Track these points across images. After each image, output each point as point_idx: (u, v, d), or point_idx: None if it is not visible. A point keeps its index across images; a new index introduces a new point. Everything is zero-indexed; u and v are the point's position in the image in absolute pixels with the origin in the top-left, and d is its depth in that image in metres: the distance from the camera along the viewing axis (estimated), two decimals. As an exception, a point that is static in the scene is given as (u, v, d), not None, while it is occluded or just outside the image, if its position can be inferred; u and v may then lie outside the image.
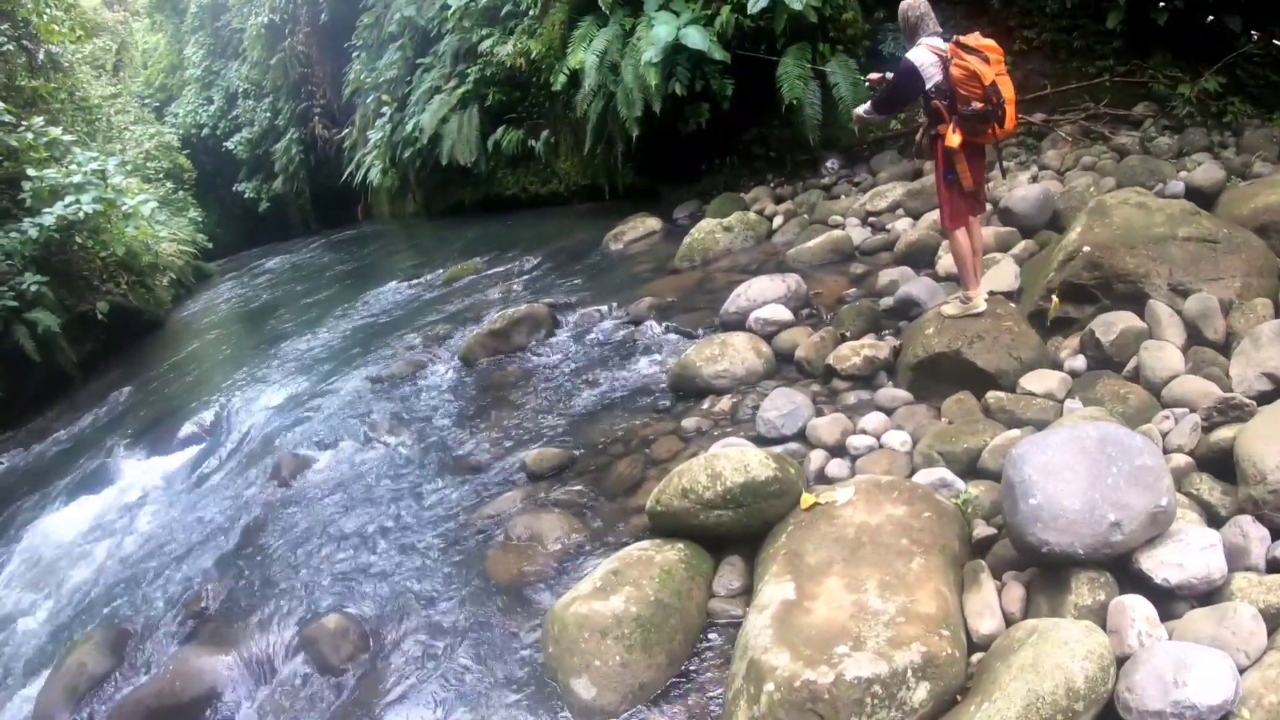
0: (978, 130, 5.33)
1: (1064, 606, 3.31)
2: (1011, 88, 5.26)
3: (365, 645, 4.79)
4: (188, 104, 33.27)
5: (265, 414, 8.82)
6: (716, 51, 10.17)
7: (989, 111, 5.22)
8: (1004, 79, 5.21)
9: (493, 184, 17.35)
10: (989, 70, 5.16)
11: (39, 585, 6.98)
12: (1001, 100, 5.17)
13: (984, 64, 5.16)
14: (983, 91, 5.18)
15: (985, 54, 5.19)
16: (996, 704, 2.93)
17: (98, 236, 14.00)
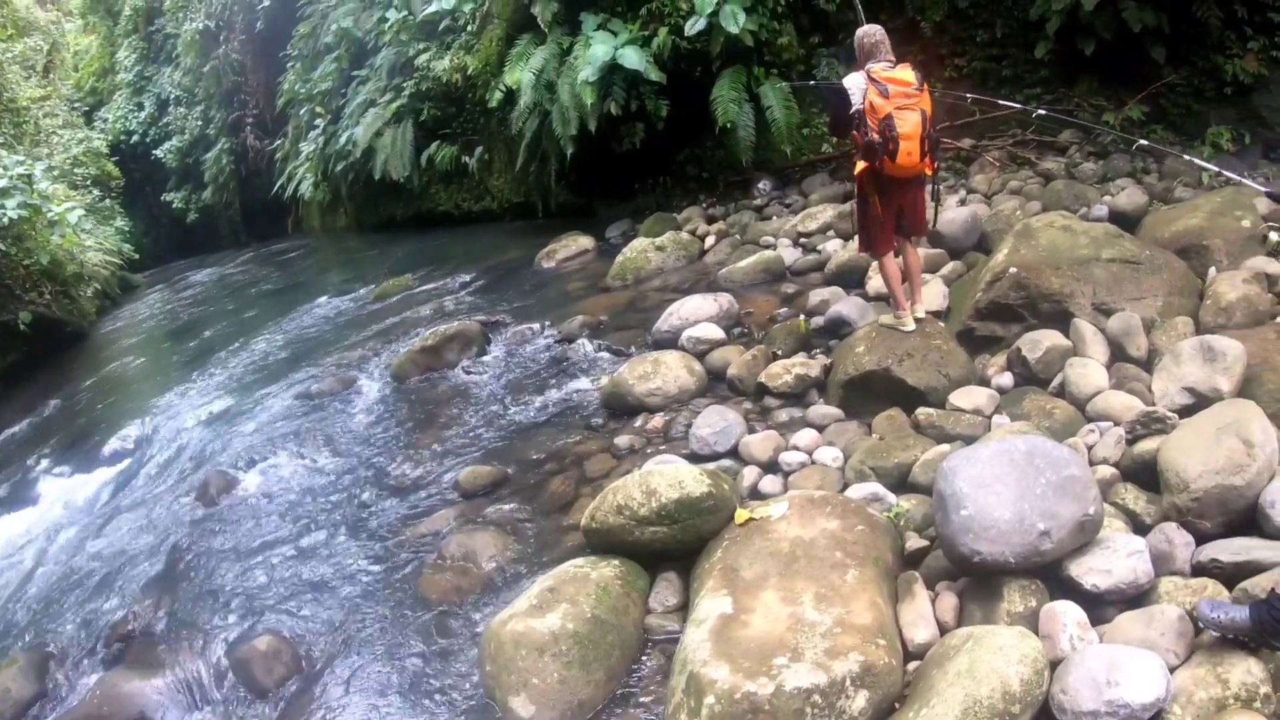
0: (871, 160, 5.43)
1: (997, 614, 3.38)
2: (915, 124, 5.28)
3: (298, 666, 4.71)
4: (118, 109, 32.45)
5: (192, 431, 8.63)
6: (653, 72, 10.24)
7: (880, 144, 5.30)
8: (905, 113, 5.24)
9: (425, 200, 17.23)
10: (885, 103, 5.25)
11: (-46, 607, 6.75)
12: (894, 134, 5.23)
13: (881, 96, 5.26)
14: (877, 123, 5.28)
15: (888, 86, 5.28)
16: (935, 710, 2.98)
17: (21, 244, 13.54)
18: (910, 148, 5.27)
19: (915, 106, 5.28)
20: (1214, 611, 2.96)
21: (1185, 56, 8.14)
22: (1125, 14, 7.78)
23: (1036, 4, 8.50)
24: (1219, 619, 2.94)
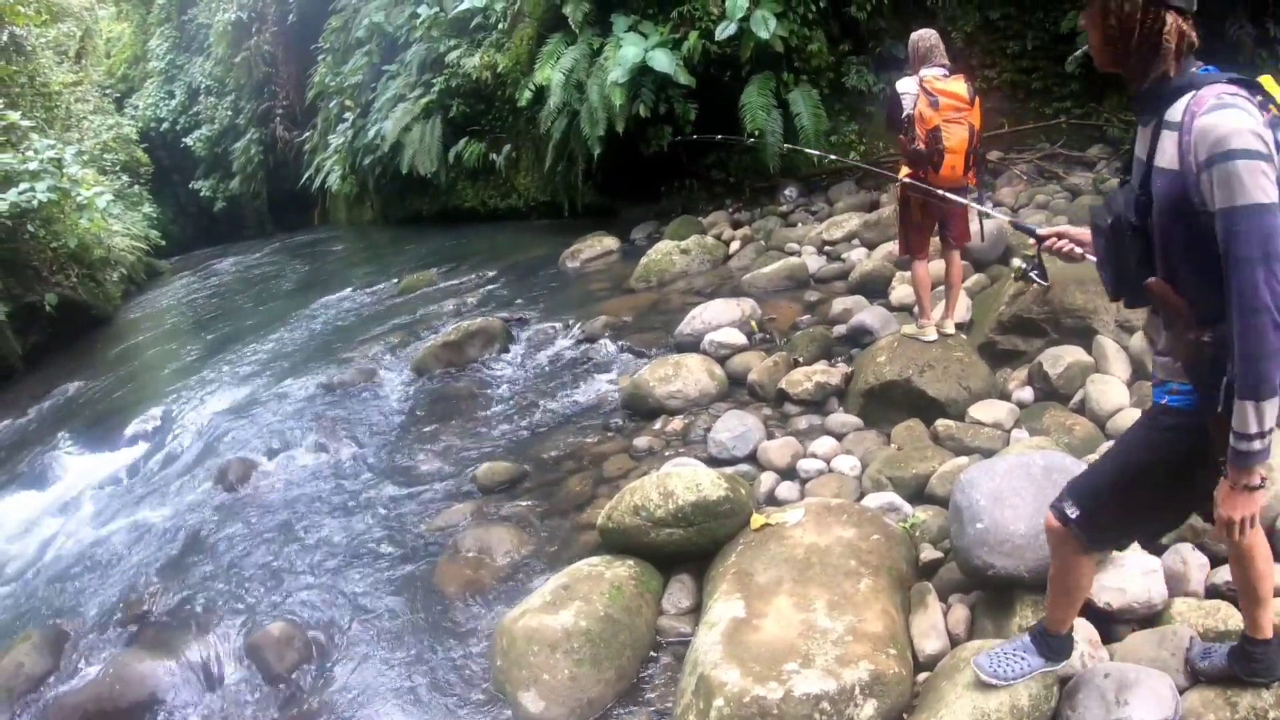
0: (916, 168, 5.44)
1: (1009, 627, 3.37)
2: (962, 138, 5.28)
3: (310, 654, 4.72)
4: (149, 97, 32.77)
5: (213, 417, 8.68)
6: (682, 75, 10.28)
7: (925, 154, 5.31)
8: (953, 127, 5.25)
9: (452, 195, 17.31)
10: (934, 115, 5.25)
11: (-26, 581, 6.83)
12: (940, 146, 5.24)
13: (931, 108, 5.25)
14: (925, 133, 5.28)
15: (939, 98, 5.27)
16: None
17: (50, 226, 13.71)
18: (955, 161, 5.27)
19: (964, 120, 5.27)
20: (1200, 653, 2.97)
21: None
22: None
23: (1067, 17, 8.49)
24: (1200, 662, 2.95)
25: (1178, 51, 2.20)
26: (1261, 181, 2.02)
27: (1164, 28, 2.18)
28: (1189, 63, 2.21)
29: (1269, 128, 2.08)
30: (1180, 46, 2.20)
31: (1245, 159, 2.03)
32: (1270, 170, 2.03)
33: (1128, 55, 2.27)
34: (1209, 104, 2.10)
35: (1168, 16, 2.17)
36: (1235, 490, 2.27)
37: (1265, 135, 2.05)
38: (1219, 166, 2.05)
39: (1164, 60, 2.21)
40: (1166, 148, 2.20)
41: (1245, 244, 2.05)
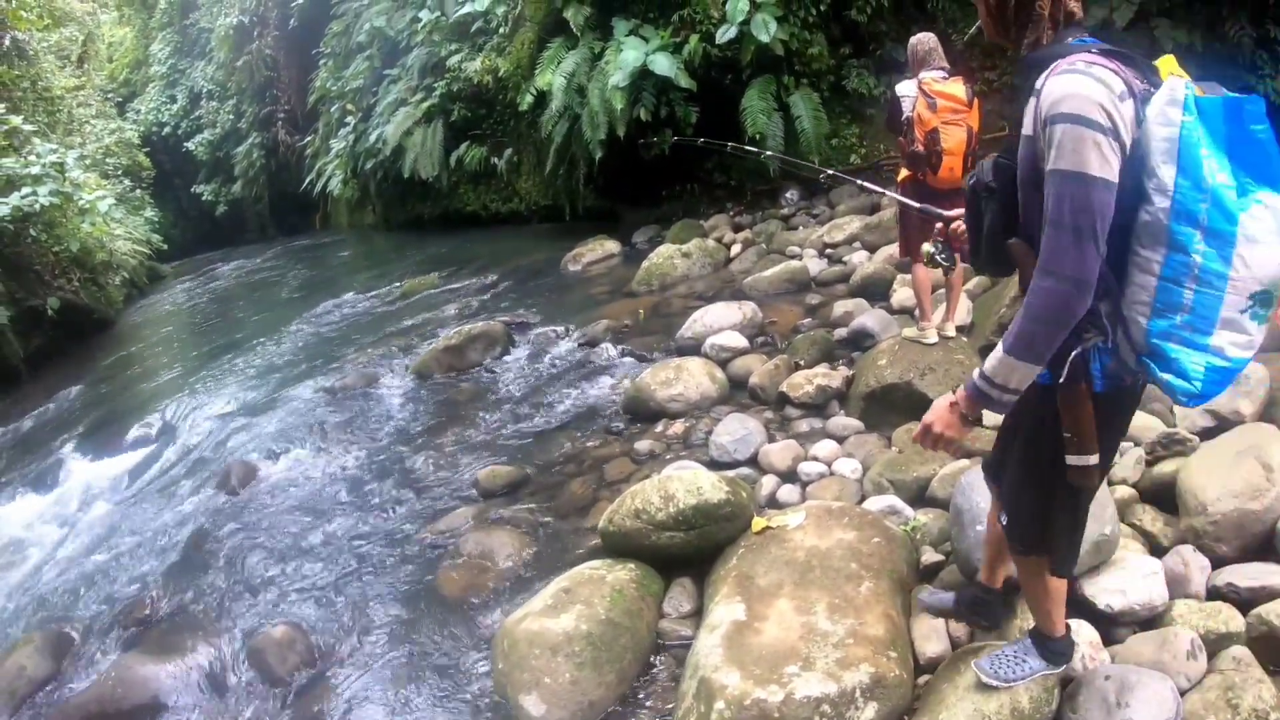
0: (914, 169, 5.45)
1: (1009, 630, 3.37)
2: (960, 140, 5.30)
3: (312, 657, 4.72)
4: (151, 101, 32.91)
5: (216, 420, 8.71)
6: (683, 79, 10.30)
7: (923, 156, 5.32)
8: (951, 129, 5.27)
9: (453, 200, 17.35)
10: (932, 117, 5.26)
11: (-24, 585, 6.84)
12: (938, 148, 5.26)
13: (929, 110, 5.27)
14: (923, 135, 5.29)
15: (937, 100, 5.29)
16: None
17: (52, 230, 13.75)
18: (953, 163, 5.29)
19: (962, 123, 5.29)
20: (930, 597, 3.42)
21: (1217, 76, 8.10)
22: (1157, 32, 7.76)
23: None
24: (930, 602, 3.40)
25: (1053, 21, 2.21)
26: (1089, 151, 2.01)
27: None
28: (1067, 32, 2.21)
29: (1132, 101, 2.07)
30: (1055, 15, 2.20)
31: (1076, 124, 2.01)
32: (1108, 143, 2.01)
33: (1007, 25, 2.30)
34: (1061, 69, 2.09)
35: None
36: (953, 410, 2.33)
37: (1112, 108, 2.03)
38: (1052, 128, 2.05)
39: (1038, 29, 2.22)
40: (1029, 113, 2.20)
41: (1058, 208, 2.04)
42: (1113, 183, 2.02)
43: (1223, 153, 2.00)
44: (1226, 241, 1.98)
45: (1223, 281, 2.00)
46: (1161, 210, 2.02)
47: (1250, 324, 2.06)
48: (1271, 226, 1.99)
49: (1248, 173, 2.00)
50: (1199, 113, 2.01)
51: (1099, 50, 2.11)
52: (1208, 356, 2.06)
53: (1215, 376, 2.09)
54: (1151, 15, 7.78)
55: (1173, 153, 2.01)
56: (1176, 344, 2.07)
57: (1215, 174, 1.98)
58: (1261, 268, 2.00)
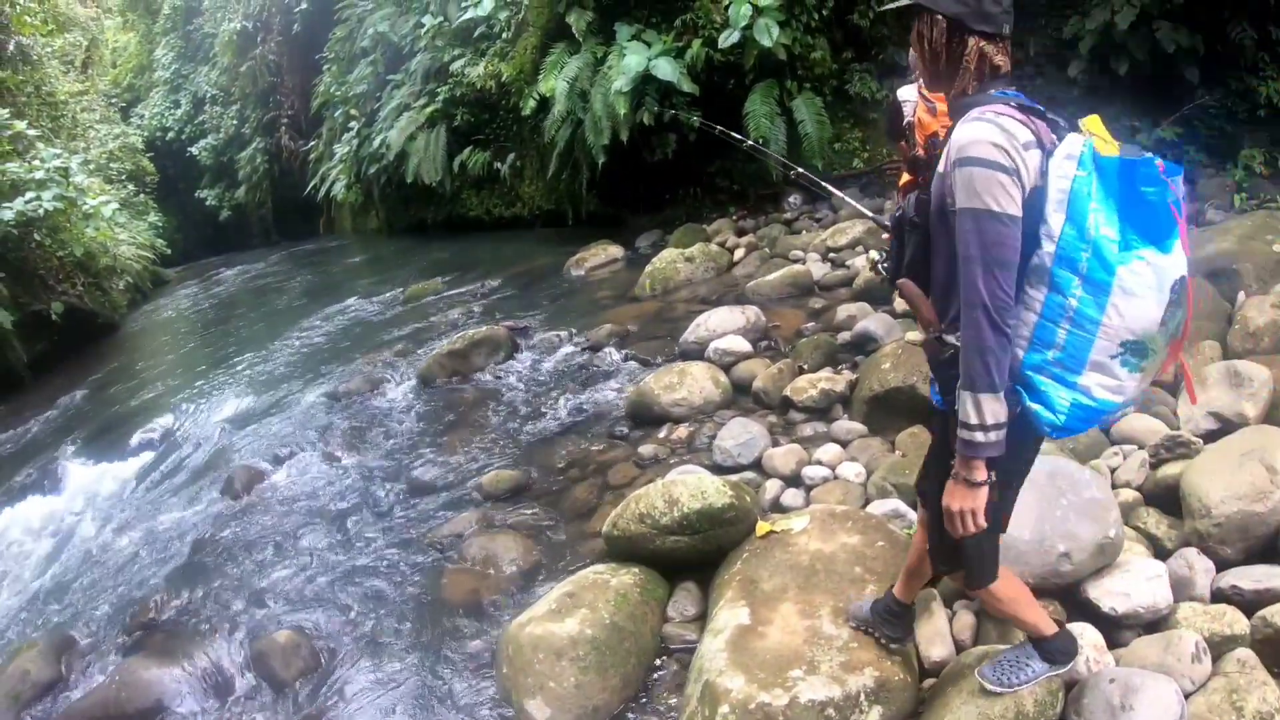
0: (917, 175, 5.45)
1: (1013, 634, 3.37)
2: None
3: (316, 661, 4.74)
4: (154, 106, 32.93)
5: (219, 425, 8.73)
6: (685, 83, 10.29)
7: (924, 161, 5.31)
8: None
9: (457, 204, 17.35)
10: (933, 121, 5.27)
11: (-21, 591, 6.85)
12: (938, 153, 5.25)
13: (929, 114, 5.28)
14: (923, 140, 5.29)
15: (937, 104, 5.29)
16: None
17: (56, 235, 13.77)
18: None
19: None
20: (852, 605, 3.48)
21: (1219, 78, 8.09)
22: (1159, 34, 7.75)
23: (1070, 23, 8.49)
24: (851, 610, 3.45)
25: (978, 73, 2.35)
26: (994, 190, 2.17)
27: (966, 51, 2.34)
28: (990, 84, 2.35)
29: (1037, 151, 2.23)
30: (981, 69, 2.35)
31: (978, 167, 2.18)
32: (1011, 181, 2.17)
33: (938, 75, 2.45)
34: (971, 117, 2.27)
35: (970, 40, 2.33)
36: (956, 482, 2.38)
37: (1014, 152, 2.18)
38: (959, 170, 2.23)
39: (964, 80, 2.37)
40: (944, 154, 2.36)
41: (968, 243, 2.20)
42: (1016, 217, 2.18)
43: (1114, 209, 2.16)
44: (1102, 290, 2.15)
45: (1095, 326, 2.17)
46: (1048, 254, 2.19)
47: (1120, 370, 2.22)
48: (1150, 282, 2.14)
49: (1135, 230, 2.15)
50: (1097, 170, 2.16)
51: (1016, 104, 2.26)
52: (1074, 394, 2.23)
53: (1080, 413, 2.24)
54: (1153, 18, 7.77)
55: (1064, 203, 2.17)
56: (1047, 378, 2.24)
57: (1100, 226, 2.14)
58: (1135, 319, 2.16)
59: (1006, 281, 2.18)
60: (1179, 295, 2.19)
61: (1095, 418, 2.28)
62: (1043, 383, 2.25)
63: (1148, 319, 2.17)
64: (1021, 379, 2.28)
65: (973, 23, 2.31)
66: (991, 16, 2.32)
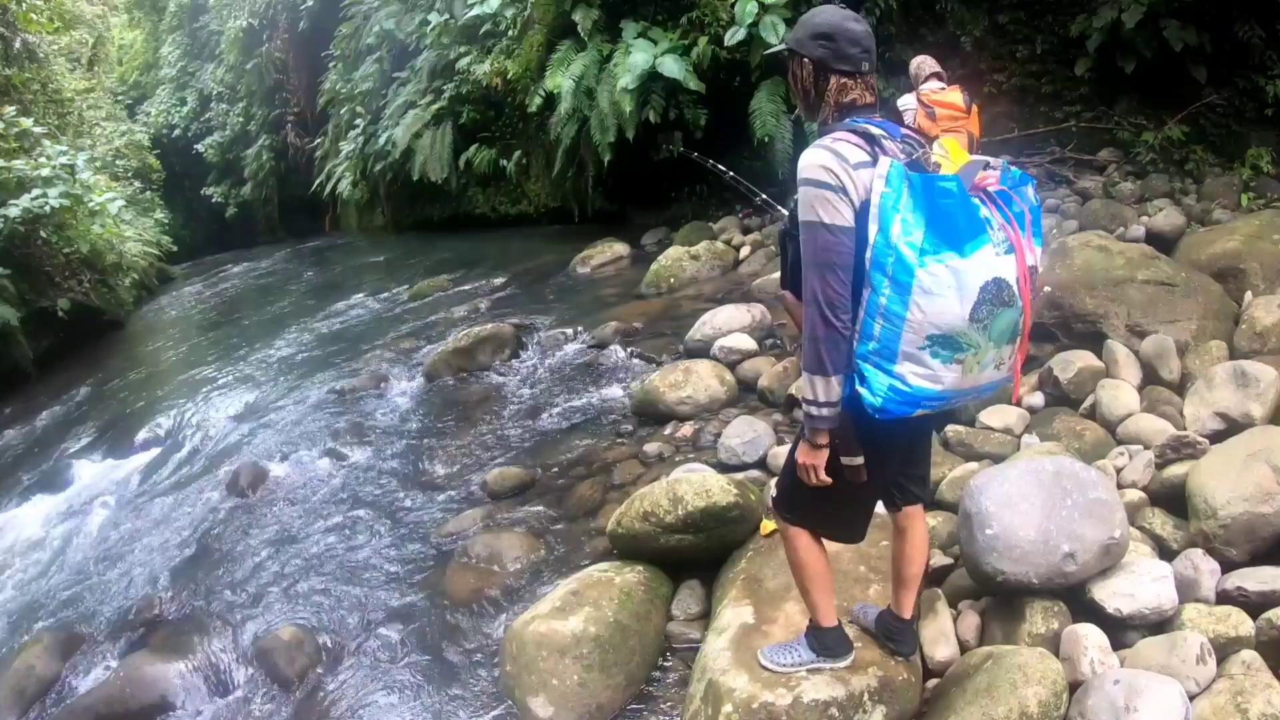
0: None
1: (1018, 634, 3.36)
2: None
3: (319, 658, 4.74)
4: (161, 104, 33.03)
5: (225, 422, 8.74)
6: (691, 81, 10.30)
7: None
8: (951, 136, 5.28)
9: (462, 202, 17.38)
10: (932, 125, 5.28)
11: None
12: None
13: (928, 119, 5.29)
14: None
15: (935, 109, 5.30)
16: None
17: (62, 232, 13.81)
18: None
19: (962, 129, 5.31)
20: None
21: (1226, 77, 8.08)
22: (1166, 32, 7.73)
23: (1077, 21, 8.48)
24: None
25: (837, 106, 2.68)
26: (820, 205, 2.49)
27: (828, 87, 2.68)
28: (849, 113, 2.67)
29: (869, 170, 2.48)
30: (841, 102, 2.68)
31: (809, 186, 2.51)
32: (836, 197, 2.48)
33: (810, 108, 2.78)
34: (813, 144, 2.58)
35: (832, 79, 2.67)
36: (804, 443, 2.75)
37: (840, 171, 2.48)
38: (799, 189, 2.55)
39: (826, 111, 2.71)
40: None
41: (806, 250, 2.55)
42: (844, 227, 2.48)
43: (923, 218, 2.42)
44: (905, 289, 2.41)
45: (901, 321, 2.44)
46: (867, 259, 2.46)
47: (931, 361, 2.48)
48: (949, 283, 2.40)
49: (938, 237, 2.41)
50: (908, 185, 2.42)
51: (861, 131, 2.55)
52: (891, 380, 2.49)
53: (896, 396, 2.50)
54: (1161, 16, 7.75)
55: (876, 215, 2.44)
56: (869, 365, 2.50)
57: (905, 234, 2.40)
58: (937, 315, 2.42)
59: (835, 282, 2.50)
60: (993, 296, 2.44)
61: (913, 402, 2.52)
62: (867, 369, 2.51)
63: (951, 315, 2.42)
64: (853, 366, 2.55)
65: (834, 63, 2.65)
66: (850, 57, 2.64)
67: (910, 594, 3.28)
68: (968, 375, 2.53)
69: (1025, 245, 2.52)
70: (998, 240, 2.47)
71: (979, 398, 2.82)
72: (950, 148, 2.62)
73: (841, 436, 2.70)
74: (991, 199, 2.53)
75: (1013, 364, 2.66)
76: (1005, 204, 2.55)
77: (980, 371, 2.56)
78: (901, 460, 2.98)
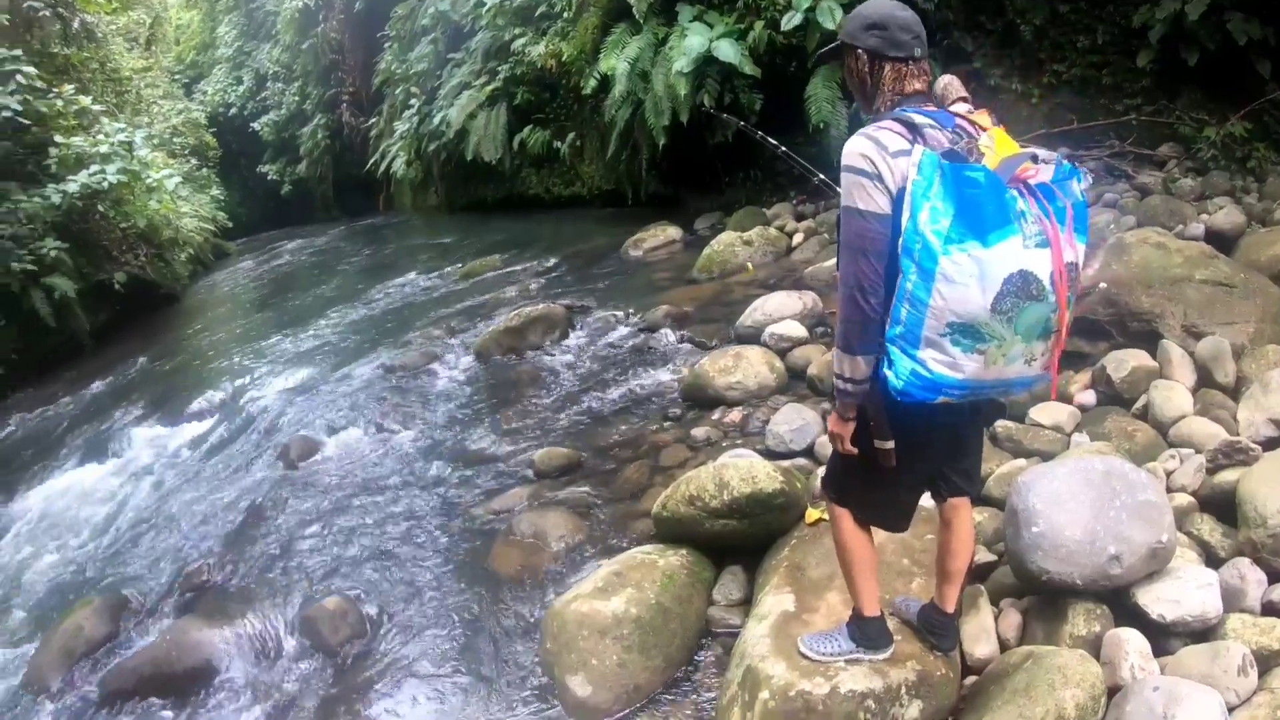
0: None
1: (1059, 635, 3.33)
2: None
3: (363, 628, 4.82)
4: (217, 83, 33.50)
5: (276, 395, 8.89)
6: (747, 65, 10.24)
7: None
8: None
9: (516, 183, 17.44)
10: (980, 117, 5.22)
11: (41, 548, 7.01)
12: None
13: None
14: None
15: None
16: None
17: (120, 207, 14.11)
18: None
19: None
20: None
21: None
22: (1230, 25, 7.53)
23: (1140, 11, 8.29)
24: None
25: (894, 93, 2.71)
26: (857, 191, 2.55)
27: (883, 75, 2.72)
28: (902, 101, 2.70)
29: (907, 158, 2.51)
30: (896, 89, 2.71)
31: (848, 173, 2.58)
32: (872, 184, 2.53)
33: (866, 96, 2.81)
34: (858, 132, 2.63)
35: (886, 66, 2.71)
36: (834, 415, 2.87)
37: (879, 159, 2.52)
38: (841, 175, 2.62)
39: (881, 98, 2.74)
40: None
41: (843, 234, 2.63)
42: (879, 214, 2.53)
43: (953, 207, 2.43)
44: (929, 276, 2.44)
45: (924, 307, 2.47)
46: (899, 245, 2.49)
47: (952, 348, 2.49)
48: (971, 271, 2.42)
49: (964, 225, 2.42)
50: (940, 173, 2.45)
51: (904, 120, 2.58)
52: (913, 364, 2.52)
53: (918, 381, 2.53)
54: (1225, 8, 7.57)
55: (908, 202, 2.47)
56: (896, 349, 2.54)
57: (931, 222, 2.43)
58: (958, 303, 2.44)
59: (868, 267, 2.55)
60: (1018, 288, 2.44)
61: (934, 388, 2.54)
62: (894, 352, 2.55)
63: (972, 304, 2.43)
64: (884, 349, 2.59)
65: (888, 51, 2.69)
66: (903, 44, 2.68)
67: (954, 588, 3.28)
68: (991, 367, 2.54)
69: (1065, 241, 2.52)
70: (1029, 233, 2.46)
71: (1009, 392, 2.84)
72: (998, 138, 2.61)
73: (875, 419, 2.78)
74: (1031, 192, 2.52)
75: (1047, 361, 2.67)
76: (1047, 198, 2.53)
77: (1006, 364, 2.56)
78: (946, 452, 3.00)
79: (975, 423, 3.14)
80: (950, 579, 3.26)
